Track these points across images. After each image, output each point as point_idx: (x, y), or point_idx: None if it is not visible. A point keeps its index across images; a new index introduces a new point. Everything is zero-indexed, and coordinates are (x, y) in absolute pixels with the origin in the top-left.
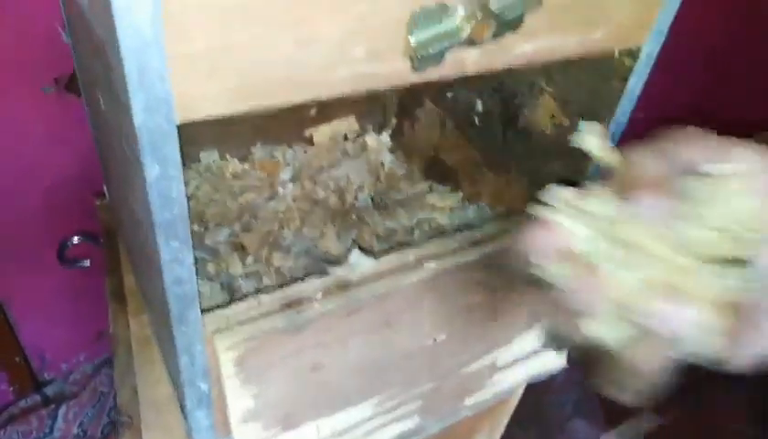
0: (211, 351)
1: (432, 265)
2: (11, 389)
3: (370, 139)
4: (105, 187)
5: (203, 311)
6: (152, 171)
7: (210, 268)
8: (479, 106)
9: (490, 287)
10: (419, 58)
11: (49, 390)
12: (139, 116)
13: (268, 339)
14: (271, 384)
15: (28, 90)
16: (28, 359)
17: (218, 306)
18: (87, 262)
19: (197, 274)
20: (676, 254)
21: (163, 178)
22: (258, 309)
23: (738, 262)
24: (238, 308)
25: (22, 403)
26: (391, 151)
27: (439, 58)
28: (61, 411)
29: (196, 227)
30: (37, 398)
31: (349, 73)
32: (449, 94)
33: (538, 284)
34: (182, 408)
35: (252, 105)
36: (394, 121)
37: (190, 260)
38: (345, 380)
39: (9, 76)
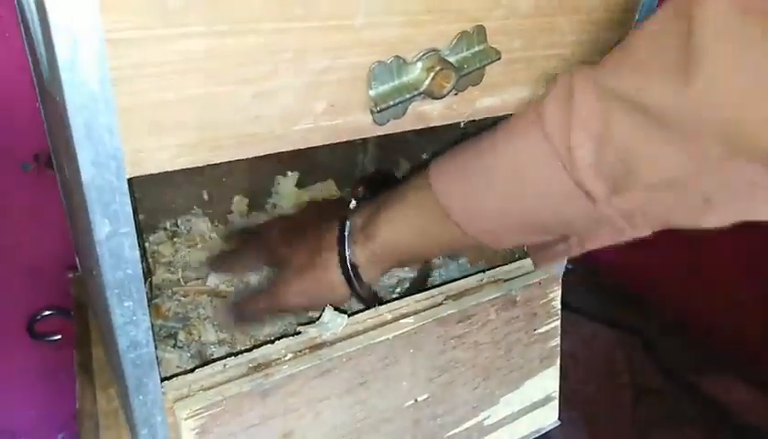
0: (174, 422)
1: (409, 321)
2: None
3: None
4: (77, 260)
5: (165, 378)
6: (102, 229)
7: (182, 337)
8: None
9: (472, 343)
10: (378, 112)
11: None
12: (87, 172)
13: (233, 406)
14: None
15: (8, 166)
16: None
17: (181, 372)
18: (57, 337)
19: (169, 344)
20: None
21: (114, 236)
22: (223, 374)
23: None
24: (202, 373)
25: None
26: None
27: (400, 111)
28: None
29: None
30: None
31: (310, 127)
32: (424, 155)
33: None
34: None
35: (209, 159)
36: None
37: (146, 323)
38: None
39: None
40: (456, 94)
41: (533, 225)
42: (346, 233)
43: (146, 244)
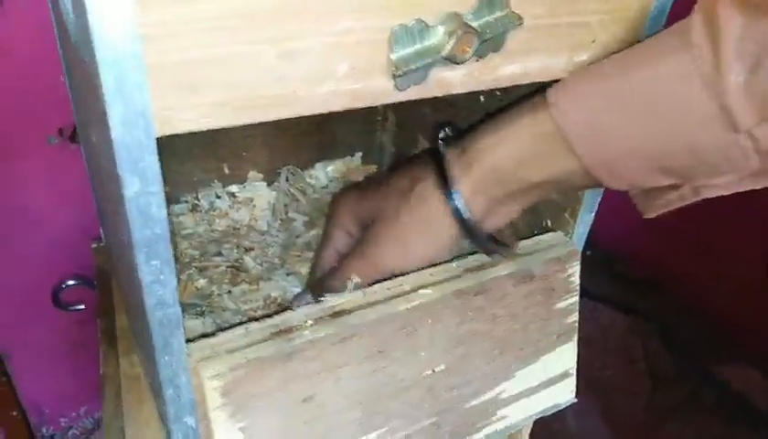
0: (198, 383)
1: (428, 292)
2: None
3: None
4: (101, 230)
5: (189, 340)
6: (131, 186)
7: (204, 309)
8: None
9: (489, 315)
10: (400, 76)
11: None
12: (117, 129)
13: (256, 368)
14: (260, 417)
15: (34, 140)
16: (26, 414)
17: (205, 335)
18: (81, 306)
19: (191, 313)
20: None
21: (142, 194)
22: (246, 338)
23: None
24: (225, 337)
25: None
26: None
27: (422, 75)
28: None
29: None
30: None
31: (333, 90)
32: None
33: None
34: None
35: (235, 121)
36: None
37: (173, 282)
38: (339, 412)
39: (16, 126)
40: (478, 61)
41: (658, 158)
42: (444, 156)
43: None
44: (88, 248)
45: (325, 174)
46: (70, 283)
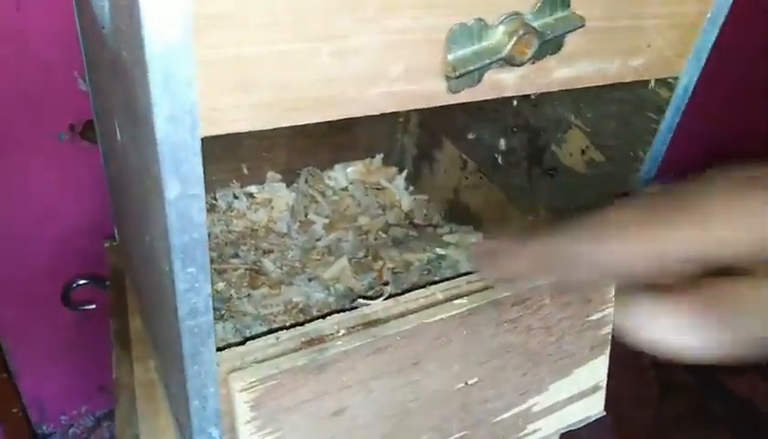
0: (226, 394)
1: (462, 302)
2: None
3: (387, 182)
4: (116, 229)
5: (217, 349)
6: (172, 189)
7: (223, 313)
8: (502, 145)
9: (525, 327)
10: (457, 77)
11: None
12: (162, 127)
13: (288, 380)
14: (290, 430)
15: (44, 135)
16: (27, 411)
17: (233, 344)
18: (92, 306)
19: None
20: None
21: (183, 197)
22: (276, 347)
23: None
24: (253, 346)
25: None
26: (411, 194)
27: (477, 77)
28: None
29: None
30: None
31: (384, 91)
32: (470, 135)
33: None
34: None
35: (283, 121)
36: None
37: (208, 290)
38: (369, 426)
39: (26, 121)
40: (534, 63)
41: None
42: None
43: None
44: (97, 245)
45: (345, 175)
46: (81, 282)
